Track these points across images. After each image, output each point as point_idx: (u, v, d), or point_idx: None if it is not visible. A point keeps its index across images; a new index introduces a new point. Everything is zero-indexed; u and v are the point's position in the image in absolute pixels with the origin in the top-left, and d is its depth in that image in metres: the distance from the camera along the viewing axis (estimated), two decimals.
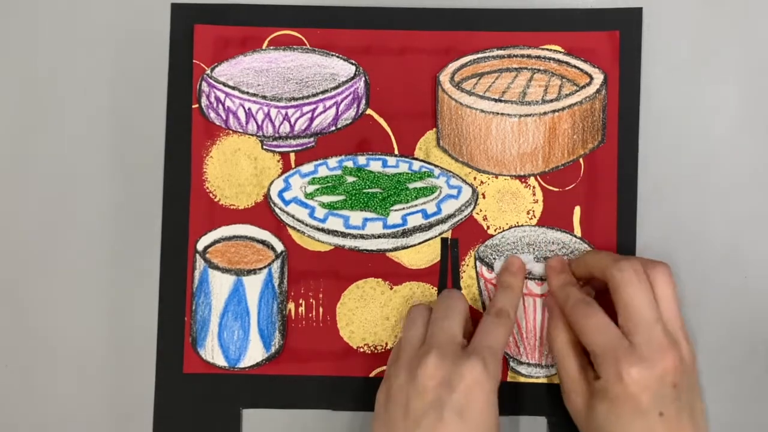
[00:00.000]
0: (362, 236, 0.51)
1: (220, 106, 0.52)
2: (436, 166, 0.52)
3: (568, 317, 0.47)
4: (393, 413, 0.44)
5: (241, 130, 0.52)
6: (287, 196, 0.51)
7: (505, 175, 0.52)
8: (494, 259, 0.51)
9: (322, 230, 0.51)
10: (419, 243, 0.51)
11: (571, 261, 0.50)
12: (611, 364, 0.44)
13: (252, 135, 0.52)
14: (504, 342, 0.47)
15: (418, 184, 0.51)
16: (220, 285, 0.51)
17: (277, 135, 0.52)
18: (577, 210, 0.51)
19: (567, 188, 0.51)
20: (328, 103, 0.51)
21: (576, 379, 0.47)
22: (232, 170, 0.52)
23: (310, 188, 0.52)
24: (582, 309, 0.46)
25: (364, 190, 0.51)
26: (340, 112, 0.52)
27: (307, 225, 0.51)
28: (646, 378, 0.43)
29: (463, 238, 0.51)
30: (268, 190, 0.52)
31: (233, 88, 0.52)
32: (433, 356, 0.44)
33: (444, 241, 0.51)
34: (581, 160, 0.51)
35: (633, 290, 0.44)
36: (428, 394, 0.43)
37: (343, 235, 0.51)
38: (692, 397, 0.45)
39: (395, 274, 0.51)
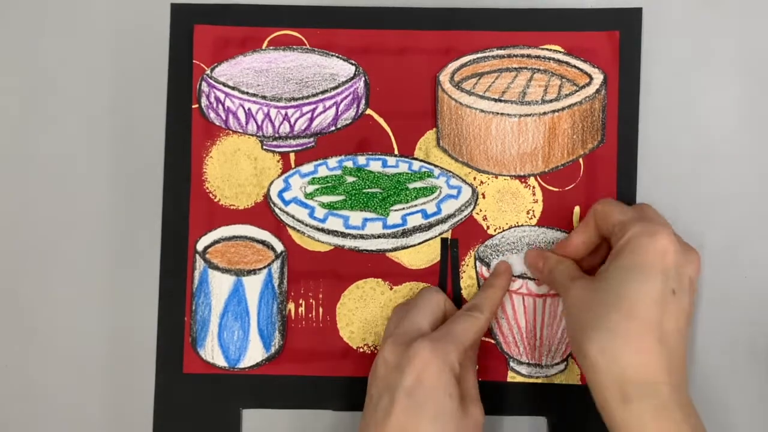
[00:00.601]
0: (362, 236, 0.51)
1: (220, 106, 0.52)
2: (436, 166, 0.52)
3: (595, 212, 0.47)
4: (365, 404, 0.46)
5: (240, 131, 0.52)
6: (287, 196, 0.51)
7: (504, 175, 0.52)
8: (494, 259, 0.51)
9: (322, 230, 0.51)
10: (419, 243, 0.51)
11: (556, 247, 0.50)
12: (640, 223, 0.44)
13: (252, 135, 0.52)
14: (468, 333, 0.46)
15: (418, 184, 0.51)
16: (219, 285, 0.51)
17: (276, 135, 0.52)
18: (577, 210, 0.51)
19: (567, 188, 0.51)
20: (328, 103, 0.51)
21: (575, 272, 0.47)
22: (232, 170, 0.52)
23: (310, 188, 0.52)
24: (605, 200, 0.48)
25: (364, 190, 0.51)
26: (339, 112, 0.52)
27: (306, 225, 0.51)
28: (674, 242, 0.43)
29: (463, 238, 0.51)
30: (268, 190, 0.52)
31: (233, 88, 0.52)
32: (389, 344, 0.45)
33: (444, 241, 0.51)
34: (581, 160, 0.51)
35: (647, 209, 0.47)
36: (383, 379, 0.44)
37: (343, 235, 0.51)
38: (691, 302, 0.44)
39: (395, 274, 0.51)
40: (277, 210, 0.51)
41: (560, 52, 0.51)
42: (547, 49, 0.51)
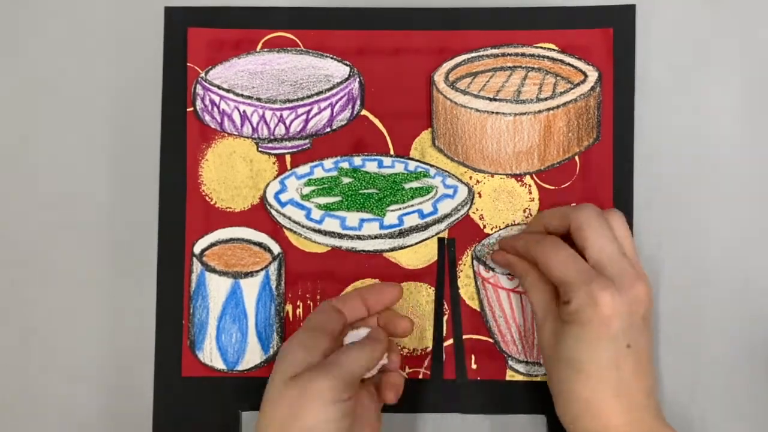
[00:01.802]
0: (359, 237, 0.51)
1: (215, 108, 0.52)
2: (432, 165, 0.52)
3: (536, 257, 0.46)
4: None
5: (236, 133, 0.52)
6: (283, 197, 0.51)
7: (500, 174, 0.52)
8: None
9: (319, 231, 0.51)
10: (416, 243, 0.51)
11: (530, 222, 0.50)
12: (583, 288, 0.43)
13: (247, 137, 0.52)
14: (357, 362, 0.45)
15: (414, 184, 0.51)
16: (217, 288, 0.51)
17: (272, 137, 0.52)
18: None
19: (563, 186, 0.51)
20: (323, 104, 0.51)
21: (547, 306, 0.46)
22: (228, 173, 0.52)
23: (306, 190, 0.52)
24: (550, 244, 0.46)
25: (360, 191, 0.51)
26: (335, 114, 0.52)
27: (303, 226, 0.51)
28: (618, 303, 0.43)
29: (460, 238, 0.51)
30: (264, 192, 0.52)
31: (228, 90, 0.52)
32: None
33: (441, 240, 0.51)
34: (577, 157, 0.51)
35: (597, 227, 0.45)
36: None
37: (340, 236, 0.51)
38: (651, 332, 0.45)
39: (392, 274, 0.51)
40: (273, 212, 0.51)
41: (554, 50, 0.51)
42: (541, 48, 0.51)
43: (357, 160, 0.52)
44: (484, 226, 0.51)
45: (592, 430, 0.43)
